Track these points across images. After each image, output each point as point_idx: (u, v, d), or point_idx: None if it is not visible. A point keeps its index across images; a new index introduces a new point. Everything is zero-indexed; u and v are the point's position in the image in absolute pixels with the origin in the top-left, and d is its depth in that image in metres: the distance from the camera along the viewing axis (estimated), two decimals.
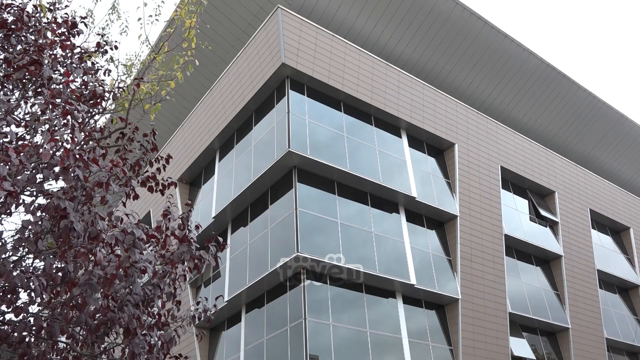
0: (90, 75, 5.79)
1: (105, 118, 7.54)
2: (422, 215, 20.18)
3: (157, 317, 5.02)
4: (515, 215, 23.62)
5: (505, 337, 19.58)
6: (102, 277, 4.08)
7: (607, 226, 29.10)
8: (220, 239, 5.52)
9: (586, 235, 26.04)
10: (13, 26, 5.12)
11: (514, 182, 24.76)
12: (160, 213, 5.27)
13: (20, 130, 5.47)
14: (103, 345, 4.98)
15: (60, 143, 4.43)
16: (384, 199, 19.15)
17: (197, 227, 5.79)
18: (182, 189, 23.00)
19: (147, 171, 5.72)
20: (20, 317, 4.32)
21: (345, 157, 18.13)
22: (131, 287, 4.44)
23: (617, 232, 29.57)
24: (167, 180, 5.78)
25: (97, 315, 4.35)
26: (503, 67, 25.48)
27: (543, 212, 24.55)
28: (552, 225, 25.01)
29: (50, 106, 4.49)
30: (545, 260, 24.24)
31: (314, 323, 15.42)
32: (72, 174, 4.05)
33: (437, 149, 22.06)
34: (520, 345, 20.45)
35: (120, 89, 5.93)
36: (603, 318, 24.27)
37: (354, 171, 17.85)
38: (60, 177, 4.11)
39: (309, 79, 18.18)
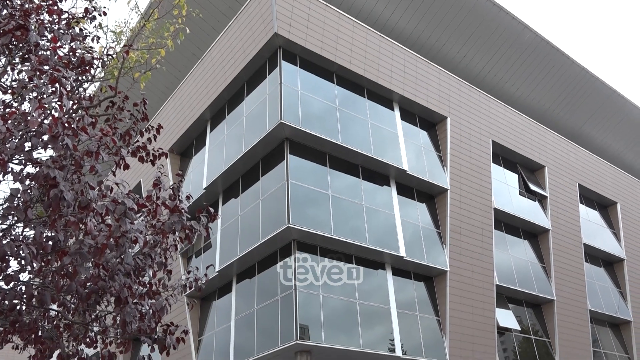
0: (78, 42, 5.66)
1: (95, 86, 7.43)
2: (413, 188, 20.28)
3: (148, 286, 5.05)
4: (505, 190, 23.80)
5: (491, 309, 19.96)
6: (93, 247, 4.08)
7: (595, 201, 29.44)
8: (212, 210, 5.52)
9: (574, 209, 26.35)
10: None
11: (504, 157, 24.87)
12: (151, 183, 5.25)
13: (7, 98, 5.38)
14: (94, 314, 5.02)
15: (48, 111, 4.37)
16: (376, 172, 19.18)
17: (188, 197, 5.78)
18: (173, 160, 22.88)
19: (137, 141, 5.66)
20: (11, 285, 4.32)
21: (337, 130, 18.06)
22: (122, 256, 4.45)
23: (605, 207, 29.95)
24: (157, 150, 5.73)
25: (88, 284, 4.36)
26: (497, 40, 25.28)
27: (532, 187, 24.76)
28: (541, 199, 25.26)
29: (38, 73, 4.41)
30: (533, 234, 24.56)
31: (304, 293, 15.60)
32: (61, 143, 4.00)
33: (430, 122, 22.03)
34: (506, 316, 20.88)
35: (110, 57, 5.82)
36: (587, 290, 24.77)
37: (345, 144, 17.82)
38: (49, 146, 4.06)
39: (301, 49, 17.95)
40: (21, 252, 3.88)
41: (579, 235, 25.77)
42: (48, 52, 4.88)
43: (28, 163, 4.40)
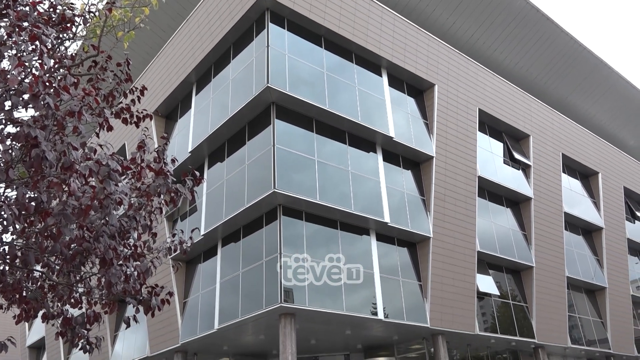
0: None
1: (77, 45, 7.24)
2: (398, 155, 20.34)
3: (133, 248, 5.05)
4: (489, 158, 24.00)
5: (472, 274, 20.40)
6: (77, 208, 4.05)
7: (577, 170, 29.86)
8: (197, 173, 5.49)
9: (556, 178, 26.72)
10: None
11: (490, 125, 24.97)
12: (135, 146, 5.19)
13: None
14: (79, 275, 5.02)
15: (28, 69, 4.26)
16: (362, 138, 19.17)
17: (173, 160, 5.74)
18: (158, 122, 22.59)
19: (121, 102, 5.57)
20: None
21: (324, 95, 17.92)
22: (107, 218, 4.43)
23: (586, 176, 30.41)
24: (142, 112, 5.64)
25: (72, 246, 4.35)
26: (487, 7, 25.03)
27: (517, 156, 24.99)
28: (525, 168, 25.54)
29: (17, 29, 4.27)
30: (515, 202, 24.93)
31: (289, 258, 15.77)
32: (43, 102, 3.92)
33: (417, 89, 21.94)
34: (486, 282, 21.37)
35: (92, 14, 5.64)
36: (566, 258, 25.38)
37: (332, 109, 17.72)
38: (30, 105, 3.98)
39: (289, 12, 17.60)
40: (3, 212, 3.84)
41: (560, 204, 26.22)
42: (27, 8, 4.72)
43: (8, 122, 4.31)
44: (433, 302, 18.66)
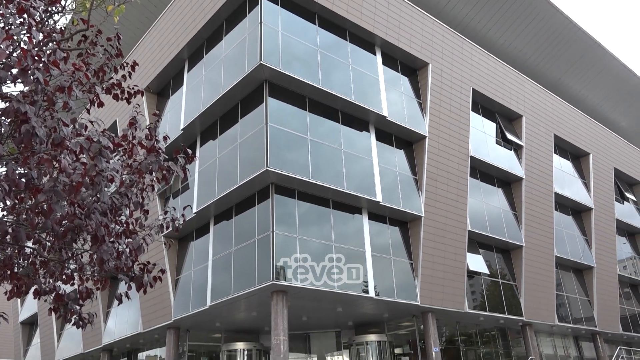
0: None
1: (66, 19, 7.11)
2: (391, 134, 20.32)
3: (125, 225, 5.04)
4: (482, 138, 24.05)
5: (462, 253, 20.61)
6: (68, 185, 4.03)
7: (569, 151, 30.02)
8: (189, 151, 5.46)
9: (548, 159, 26.87)
10: None
11: (483, 105, 24.96)
12: (127, 123, 5.15)
13: None
14: (71, 251, 5.02)
15: (17, 43, 4.18)
16: (355, 117, 19.11)
17: (165, 138, 5.70)
18: (150, 99, 22.38)
19: (111, 78, 5.49)
20: None
21: (317, 73, 17.79)
22: (98, 195, 4.41)
23: (578, 157, 30.59)
24: (133, 88, 5.58)
25: (64, 222, 4.33)
26: None
27: (509, 136, 25.05)
28: (517, 148, 25.63)
29: (4, 2, 4.18)
30: (506, 182, 25.08)
31: (281, 236, 15.83)
32: (32, 77, 3.86)
33: (411, 68, 21.82)
34: (476, 261, 21.62)
35: None
36: (555, 238, 25.67)
37: (326, 87, 17.61)
38: (19, 80, 3.92)
39: None
40: None
41: (551, 185, 26.41)
42: None
43: None
44: (423, 281, 18.87)
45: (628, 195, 33.39)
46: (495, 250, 23.50)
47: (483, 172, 23.87)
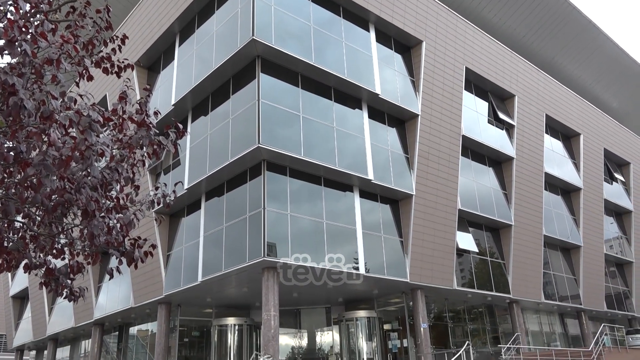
0: None
1: None
2: (384, 112, 20.27)
3: (115, 200, 5.02)
4: (474, 117, 24.06)
5: (452, 232, 20.80)
6: (57, 159, 4.00)
7: (560, 131, 30.15)
8: (180, 126, 5.42)
9: (539, 139, 26.98)
10: None
11: (476, 84, 24.90)
12: (117, 97, 5.09)
13: None
14: (61, 226, 5.01)
15: (2, 13, 4.10)
16: (348, 95, 19.02)
17: (155, 113, 5.64)
18: (140, 74, 22.09)
19: (101, 51, 5.41)
20: None
21: (310, 50, 17.62)
22: (88, 169, 4.38)
23: (568, 137, 30.74)
24: (123, 62, 5.50)
25: (54, 197, 4.31)
26: None
27: (501, 115, 25.08)
28: (509, 128, 25.69)
29: None
30: (497, 162, 25.20)
31: (272, 212, 15.87)
32: (19, 48, 3.79)
33: (405, 46, 21.66)
34: (465, 239, 21.84)
35: None
36: (544, 217, 25.94)
37: (319, 64, 17.47)
38: (6, 51, 3.84)
39: None
40: None
41: (541, 164, 26.58)
42: None
43: None
44: (413, 258, 19.06)
45: (617, 175, 33.71)
46: (485, 228, 23.74)
47: (474, 151, 23.94)
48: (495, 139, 24.59)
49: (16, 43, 3.80)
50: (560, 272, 27.22)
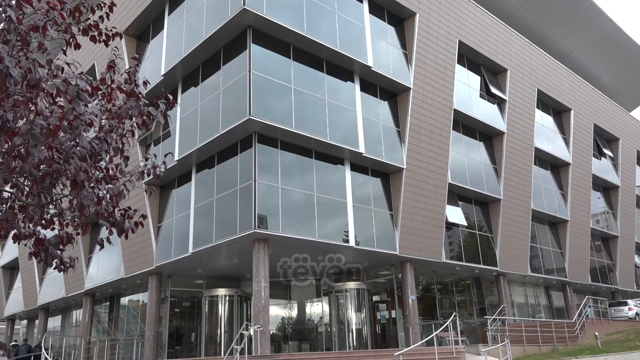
0: None
1: None
2: (376, 85, 20.15)
3: (104, 171, 4.99)
4: (466, 91, 24.00)
5: (442, 205, 20.96)
6: (45, 128, 3.94)
7: (551, 106, 30.20)
8: (170, 96, 5.35)
9: (530, 114, 27.03)
10: None
11: (469, 57, 24.76)
12: (105, 66, 5.01)
13: None
14: (50, 196, 4.97)
15: None
16: (340, 67, 18.85)
17: (145, 83, 5.56)
18: (129, 43, 21.70)
19: (88, 19, 5.29)
20: None
21: (303, 20, 17.36)
22: (77, 139, 4.33)
23: (559, 112, 30.82)
24: (111, 30, 5.38)
25: (42, 167, 4.27)
26: None
27: (493, 90, 25.03)
28: (500, 102, 25.68)
29: None
30: (488, 136, 25.26)
31: (263, 185, 15.87)
32: (4, 14, 3.70)
33: (398, 18, 21.41)
34: (454, 213, 22.04)
35: None
36: (532, 191, 26.20)
37: (311, 36, 17.25)
38: None
39: None
40: None
41: (532, 139, 26.69)
42: None
43: None
44: (403, 231, 19.24)
45: (605, 151, 33.98)
46: (474, 202, 23.94)
47: (466, 125, 23.96)
48: (486, 113, 24.59)
49: (0, 9, 3.71)
50: (547, 245, 27.64)
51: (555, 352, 18.63)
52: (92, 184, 4.75)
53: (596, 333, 20.32)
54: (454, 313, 17.33)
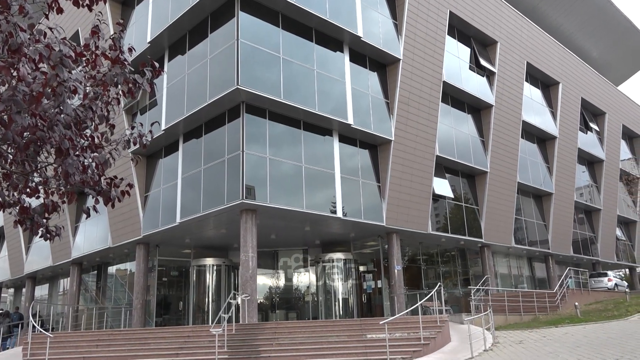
0: None
1: None
2: (365, 56, 19.97)
3: (90, 139, 4.93)
4: (456, 63, 23.88)
5: (429, 177, 21.09)
6: (28, 95, 3.87)
7: (539, 80, 30.21)
8: (156, 64, 5.26)
9: (519, 87, 27.04)
10: None
11: (459, 29, 24.57)
12: (89, 32, 4.90)
13: None
14: (35, 164, 4.92)
15: None
16: (329, 37, 18.61)
17: (130, 49, 5.45)
18: (114, 8, 21.17)
19: None
20: None
21: None
22: (61, 107, 4.26)
23: (548, 86, 30.86)
24: None
25: (25, 134, 4.21)
26: None
27: (483, 62, 24.94)
28: (489, 75, 25.63)
29: None
30: (477, 109, 25.28)
31: (251, 155, 15.82)
32: None
33: None
34: (441, 185, 22.21)
35: None
36: (519, 164, 26.42)
37: (300, 4, 16.95)
38: None
39: None
40: None
41: (519, 112, 26.78)
42: None
43: None
44: (390, 203, 19.37)
45: (592, 125, 34.23)
46: (461, 175, 24.12)
47: (454, 97, 23.93)
48: (475, 86, 24.56)
49: None
50: (531, 218, 28.05)
51: (536, 321, 19.11)
52: (78, 152, 4.70)
53: (576, 303, 20.85)
54: (439, 283, 17.64)
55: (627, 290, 28.08)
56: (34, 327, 15.46)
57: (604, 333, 14.18)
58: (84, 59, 4.73)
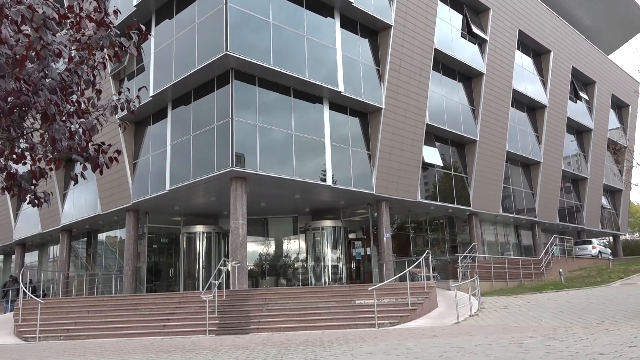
0: None
1: None
2: (357, 22, 19.67)
3: (76, 104, 4.84)
4: (447, 30, 23.63)
5: (419, 146, 21.12)
6: (11, 58, 3.77)
7: (531, 48, 30.03)
8: (143, 27, 5.13)
9: (510, 55, 26.88)
10: None
11: None
12: None
13: None
14: (20, 130, 4.84)
15: None
16: (320, 1, 18.28)
17: (115, 12, 5.31)
18: None
19: None
20: None
21: None
22: (46, 71, 4.16)
23: (539, 54, 30.71)
24: None
25: (10, 98, 4.12)
26: None
27: (475, 29, 24.69)
28: (481, 43, 25.42)
29: None
30: (467, 77, 25.17)
31: (241, 123, 15.70)
32: None
33: None
34: (431, 154, 22.26)
35: None
36: (508, 133, 26.50)
37: None
38: None
39: None
40: None
41: (510, 81, 26.70)
42: None
43: None
44: (380, 171, 19.43)
45: (582, 94, 34.26)
46: (451, 143, 24.17)
47: (446, 65, 23.77)
48: (467, 53, 24.37)
49: None
50: (519, 186, 28.32)
51: (521, 287, 19.52)
52: (64, 118, 4.62)
53: (560, 270, 21.27)
54: (427, 250, 17.89)
55: (610, 257, 28.66)
56: (24, 293, 15.51)
57: (586, 299, 14.54)
58: (68, 21, 4.60)
